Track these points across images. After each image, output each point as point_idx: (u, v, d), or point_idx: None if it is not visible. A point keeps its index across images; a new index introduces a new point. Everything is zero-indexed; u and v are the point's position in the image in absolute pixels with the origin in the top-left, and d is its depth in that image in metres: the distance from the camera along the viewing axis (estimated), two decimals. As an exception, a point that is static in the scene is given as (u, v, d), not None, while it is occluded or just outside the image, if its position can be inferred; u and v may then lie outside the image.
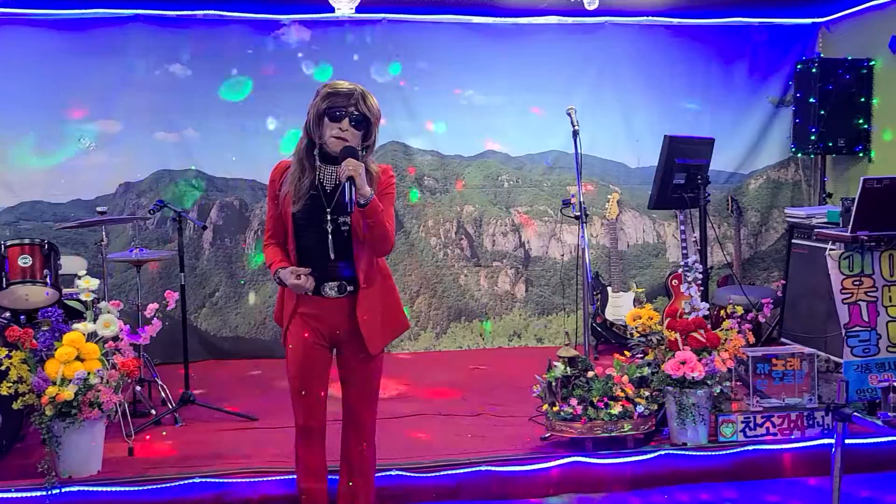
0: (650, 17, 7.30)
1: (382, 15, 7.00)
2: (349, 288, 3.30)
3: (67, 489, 4.06)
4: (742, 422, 4.63)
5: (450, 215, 7.31)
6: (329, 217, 3.21)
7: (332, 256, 3.21)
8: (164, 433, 5.00)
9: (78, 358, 4.26)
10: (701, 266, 5.00)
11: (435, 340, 7.25)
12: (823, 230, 5.49)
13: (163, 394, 5.40)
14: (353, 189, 3.09)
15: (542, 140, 7.33)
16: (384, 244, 3.27)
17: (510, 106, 7.25)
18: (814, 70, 6.92)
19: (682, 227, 5.81)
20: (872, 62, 6.88)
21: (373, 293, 3.33)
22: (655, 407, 4.60)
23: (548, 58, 7.24)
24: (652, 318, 4.75)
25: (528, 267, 7.40)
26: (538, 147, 7.36)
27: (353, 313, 3.31)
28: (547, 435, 4.67)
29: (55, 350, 4.24)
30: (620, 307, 6.81)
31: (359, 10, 6.18)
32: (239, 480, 4.15)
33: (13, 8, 6.27)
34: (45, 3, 6.42)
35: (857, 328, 5.00)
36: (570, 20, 7.20)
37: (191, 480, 4.13)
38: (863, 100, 6.91)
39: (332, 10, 6.12)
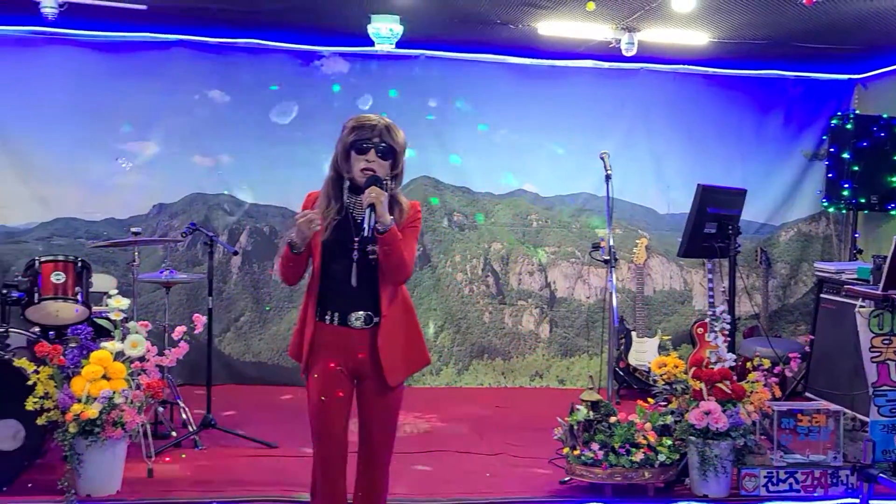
0: (686, 66, 7.34)
1: (421, 51, 7.10)
2: (375, 319, 3.32)
3: (86, 507, 4.08)
4: (765, 476, 4.57)
5: (477, 252, 7.33)
6: (356, 246, 3.24)
7: (354, 283, 3.21)
8: (184, 455, 5.01)
9: (104, 377, 4.29)
10: (729, 316, 4.98)
11: (456, 376, 7.23)
12: (853, 287, 5.44)
13: (184, 416, 5.41)
14: (374, 216, 3.13)
15: (573, 182, 7.37)
16: (400, 273, 3.29)
17: (543, 146, 7.31)
18: (848, 126, 6.92)
19: (710, 276, 5.79)
20: (908, 121, 6.86)
21: (395, 325, 3.34)
22: (677, 456, 4.55)
23: (582, 101, 7.31)
24: (678, 367, 4.72)
25: (552, 308, 7.39)
26: (568, 188, 7.39)
27: (375, 344, 3.32)
28: (566, 479, 4.64)
29: (82, 368, 4.28)
30: (644, 353, 6.78)
31: (398, 45, 6.26)
32: (257, 508, 4.15)
33: (59, 28, 6.39)
34: (92, 25, 6.55)
35: (885, 388, 4.94)
36: (606, 65, 7.27)
37: (209, 505, 4.14)
38: (896, 158, 6.89)
39: (371, 44, 6.20)
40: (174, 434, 5.24)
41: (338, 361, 3.32)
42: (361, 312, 3.29)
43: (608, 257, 5.07)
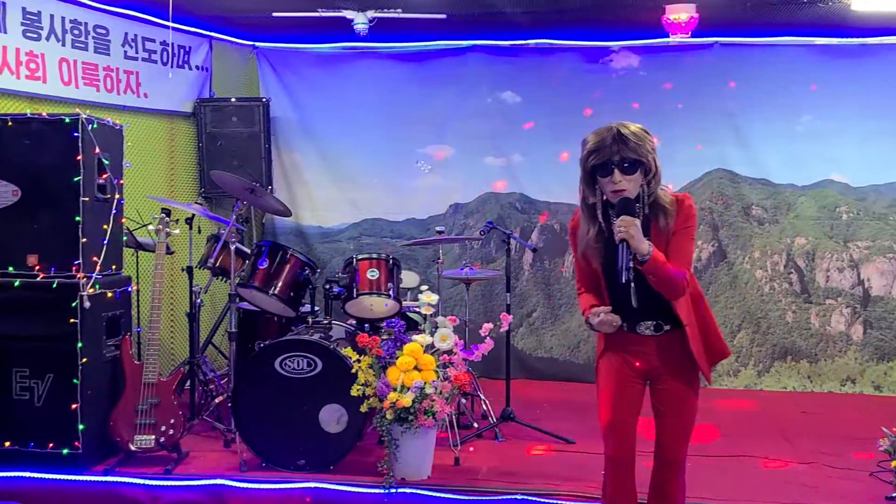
0: None
1: (715, 39, 6.82)
2: (666, 327, 3.23)
3: (402, 490, 4.34)
4: None
5: (778, 247, 6.91)
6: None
7: (635, 304, 3.13)
8: (486, 446, 5.18)
9: (416, 368, 4.53)
10: None
11: (756, 378, 6.87)
12: None
13: (484, 407, 5.59)
14: (628, 250, 3.02)
15: (889, 170, 6.74)
16: (673, 292, 3.16)
17: (853, 133, 6.74)
18: None
19: None
20: None
21: (692, 326, 3.23)
22: None
23: (899, 80, 6.65)
24: None
25: (866, 307, 6.78)
26: (884, 177, 6.76)
27: (671, 349, 3.24)
28: (894, 494, 4.24)
29: (397, 358, 4.55)
30: (979, 359, 6.03)
31: (692, 34, 6.06)
32: (561, 502, 4.17)
33: (367, 42, 6.87)
34: (395, 38, 7.00)
35: None
36: (930, 38, 6.56)
37: (513, 497, 4.23)
38: None
39: (665, 35, 6.06)
40: (475, 425, 5.43)
41: (630, 363, 3.30)
42: (650, 322, 3.24)
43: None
